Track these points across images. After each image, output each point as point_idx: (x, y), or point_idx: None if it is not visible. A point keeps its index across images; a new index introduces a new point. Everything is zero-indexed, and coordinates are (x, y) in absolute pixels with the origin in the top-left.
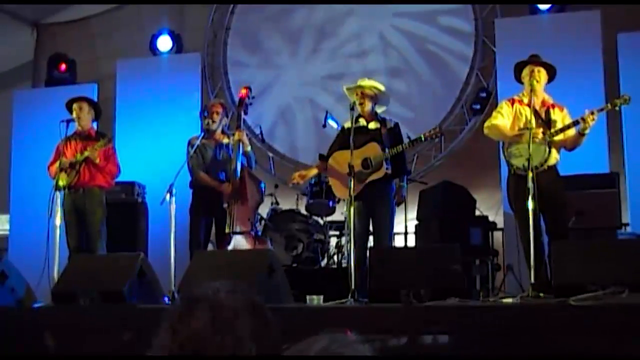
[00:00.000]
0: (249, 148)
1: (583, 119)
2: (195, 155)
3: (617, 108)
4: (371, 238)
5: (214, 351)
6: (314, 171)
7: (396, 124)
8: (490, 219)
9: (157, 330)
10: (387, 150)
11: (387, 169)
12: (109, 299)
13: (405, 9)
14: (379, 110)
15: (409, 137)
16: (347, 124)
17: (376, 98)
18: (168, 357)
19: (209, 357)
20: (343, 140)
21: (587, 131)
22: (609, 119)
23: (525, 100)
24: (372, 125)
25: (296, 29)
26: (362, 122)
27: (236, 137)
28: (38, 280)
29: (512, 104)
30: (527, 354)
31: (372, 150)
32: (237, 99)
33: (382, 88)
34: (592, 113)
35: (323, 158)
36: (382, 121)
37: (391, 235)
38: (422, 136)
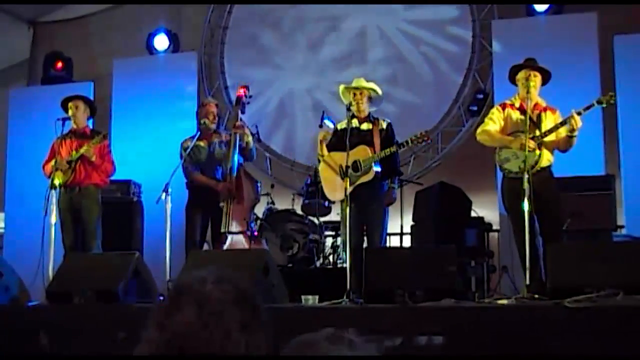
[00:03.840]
0: (250, 138)
1: (568, 120)
2: (189, 158)
3: (603, 105)
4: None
5: (202, 346)
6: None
7: (389, 125)
8: (486, 220)
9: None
10: (376, 152)
11: (376, 171)
12: (104, 298)
13: (403, 11)
14: (371, 109)
15: (397, 141)
16: (341, 125)
17: (371, 99)
18: (160, 357)
19: (196, 354)
20: (335, 141)
21: (575, 133)
22: (605, 121)
23: (517, 104)
24: (365, 126)
25: (294, 27)
26: (355, 122)
27: (234, 130)
28: (33, 279)
29: (504, 109)
30: (521, 356)
31: (362, 152)
32: (234, 98)
33: (379, 92)
34: (579, 113)
35: None
36: (375, 121)
37: (384, 235)
38: (410, 140)
